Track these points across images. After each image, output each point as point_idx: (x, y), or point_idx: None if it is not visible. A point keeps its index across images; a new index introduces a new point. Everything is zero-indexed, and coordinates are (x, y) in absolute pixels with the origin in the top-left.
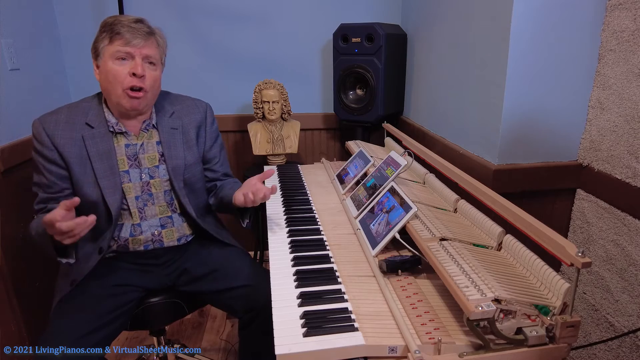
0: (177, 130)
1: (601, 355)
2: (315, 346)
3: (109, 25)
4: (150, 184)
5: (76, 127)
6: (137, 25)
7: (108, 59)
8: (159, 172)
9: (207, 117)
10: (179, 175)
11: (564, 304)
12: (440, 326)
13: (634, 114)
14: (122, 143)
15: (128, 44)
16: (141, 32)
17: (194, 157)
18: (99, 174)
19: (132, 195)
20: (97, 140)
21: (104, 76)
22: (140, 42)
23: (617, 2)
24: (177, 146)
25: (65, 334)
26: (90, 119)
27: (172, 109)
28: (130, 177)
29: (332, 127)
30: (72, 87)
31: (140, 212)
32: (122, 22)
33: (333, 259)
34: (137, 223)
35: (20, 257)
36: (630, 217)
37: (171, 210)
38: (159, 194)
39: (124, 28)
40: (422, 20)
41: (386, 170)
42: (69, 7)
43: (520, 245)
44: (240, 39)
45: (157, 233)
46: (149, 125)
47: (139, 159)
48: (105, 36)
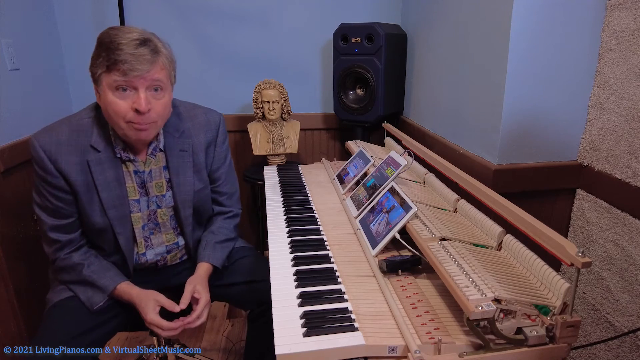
0: (187, 152)
1: (601, 355)
2: (315, 346)
3: (105, 47)
4: (157, 213)
5: (80, 150)
6: (140, 50)
7: (107, 89)
8: (165, 200)
9: (218, 135)
10: (187, 201)
11: (564, 303)
12: (440, 326)
13: (634, 114)
14: (131, 169)
15: (128, 74)
16: (144, 60)
17: (202, 182)
18: (106, 204)
19: (139, 225)
20: (105, 166)
21: (104, 107)
22: (142, 72)
23: (617, 2)
24: (187, 172)
25: (59, 333)
26: (95, 141)
27: (183, 127)
28: (140, 207)
29: (332, 127)
30: (72, 87)
31: (146, 240)
32: (120, 45)
33: (333, 259)
34: (143, 252)
35: (20, 257)
36: (630, 217)
37: (176, 235)
38: (165, 222)
39: (123, 55)
40: (422, 20)
41: (386, 170)
42: (69, 7)
43: (520, 245)
44: (240, 39)
45: (163, 259)
46: (155, 149)
47: (146, 187)
48: (102, 62)
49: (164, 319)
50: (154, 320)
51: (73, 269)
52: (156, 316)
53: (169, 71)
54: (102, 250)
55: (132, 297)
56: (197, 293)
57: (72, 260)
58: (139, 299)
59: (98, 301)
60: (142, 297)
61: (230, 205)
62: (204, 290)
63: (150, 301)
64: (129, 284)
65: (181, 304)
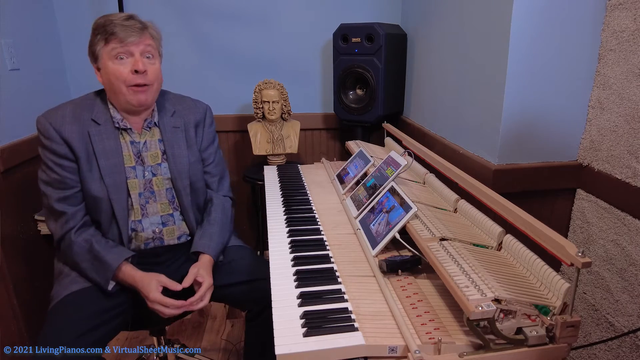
0: (179, 129)
1: (601, 355)
2: (315, 346)
3: (101, 26)
4: (152, 182)
5: (82, 122)
6: (129, 22)
7: (107, 60)
8: (161, 169)
9: (206, 117)
10: (184, 175)
11: (564, 304)
12: (440, 326)
13: (634, 114)
14: (127, 140)
15: (124, 42)
16: (135, 29)
17: (195, 156)
18: (104, 171)
19: (135, 192)
20: (104, 137)
21: (106, 77)
22: (135, 39)
23: (617, 2)
24: (180, 145)
25: (64, 332)
26: (95, 115)
27: (174, 109)
28: (136, 173)
29: (332, 127)
30: (72, 87)
31: (142, 208)
32: (113, 21)
33: (333, 259)
34: (139, 219)
35: (20, 257)
36: (630, 217)
37: (172, 208)
38: (160, 191)
39: (117, 27)
40: (422, 20)
41: (386, 170)
42: (69, 7)
43: (520, 245)
44: (240, 39)
45: (158, 231)
46: (150, 123)
47: (142, 156)
48: (100, 38)
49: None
50: (156, 298)
51: (82, 247)
52: (159, 294)
53: (157, 44)
54: (99, 225)
55: (134, 279)
56: (200, 277)
57: (82, 237)
58: (141, 280)
59: (109, 276)
60: (144, 278)
61: (221, 190)
62: (207, 274)
63: (152, 281)
64: (132, 267)
65: (184, 283)
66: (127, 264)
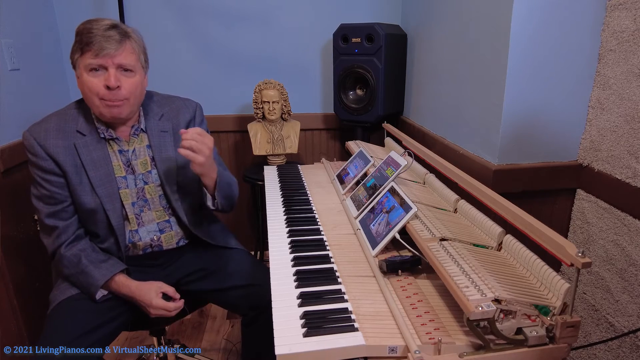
0: (167, 132)
1: (601, 355)
2: (316, 346)
3: (79, 34)
4: (144, 190)
5: (67, 135)
6: (110, 32)
7: (83, 71)
8: (151, 177)
9: (196, 115)
10: (171, 178)
11: (564, 304)
12: (440, 326)
13: (634, 114)
14: (115, 149)
15: (99, 54)
16: (113, 40)
17: (185, 160)
18: (95, 182)
19: (128, 202)
20: (90, 148)
21: (81, 88)
22: (111, 51)
23: (617, 2)
24: (168, 148)
25: (64, 332)
26: (80, 127)
27: (161, 112)
28: (127, 183)
29: (332, 127)
30: (72, 87)
31: (137, 218)
32: (92, 30)
33: (333, 259)
34: (135, 229)
35: (20, 257)
36: (630, 217)
37: (168, 214)
38: (154, 199)
39: (95, 37)
40: (422, 20)
41: (386, 171)
42: (69, 7)
43: (520, 245)
44: (240, 39)
45: (157, 238)
46: (137, 129)
47: (132, 165)
48: (77, 47)
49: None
50: (159, 304)
51: (71, 261)
52: (161, 300)
53: (139, 54)
54: (96, 236)
55: (130, 289)
56: None
57: (71, 251)
58: (138, 290)
59: (94, 292)
60: (141, 287)
61: None
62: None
63: (151, 289)
64: (127, 278)
65: None
66: (120, 274)
